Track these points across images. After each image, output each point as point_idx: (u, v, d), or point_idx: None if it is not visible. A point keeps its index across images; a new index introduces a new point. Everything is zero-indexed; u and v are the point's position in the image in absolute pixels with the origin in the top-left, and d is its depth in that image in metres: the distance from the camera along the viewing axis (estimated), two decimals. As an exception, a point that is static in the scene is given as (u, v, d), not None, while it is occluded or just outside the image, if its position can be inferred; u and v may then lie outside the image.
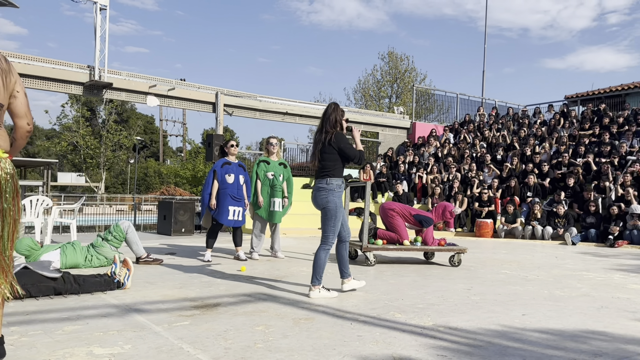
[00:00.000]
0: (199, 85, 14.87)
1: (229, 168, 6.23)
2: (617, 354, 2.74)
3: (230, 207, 6.15)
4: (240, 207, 6.25)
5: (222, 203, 6.13)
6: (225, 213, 6.13)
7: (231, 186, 6.17)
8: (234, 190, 6.19)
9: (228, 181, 6.17)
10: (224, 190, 6.15)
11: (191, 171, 36.40)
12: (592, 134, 14.61)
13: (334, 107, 4.33)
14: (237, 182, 6.24)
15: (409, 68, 32.92)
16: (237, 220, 6.24)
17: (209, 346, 2.71)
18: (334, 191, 4.18)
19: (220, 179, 6.17)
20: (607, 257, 8.19)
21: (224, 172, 6.19)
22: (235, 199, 6.18)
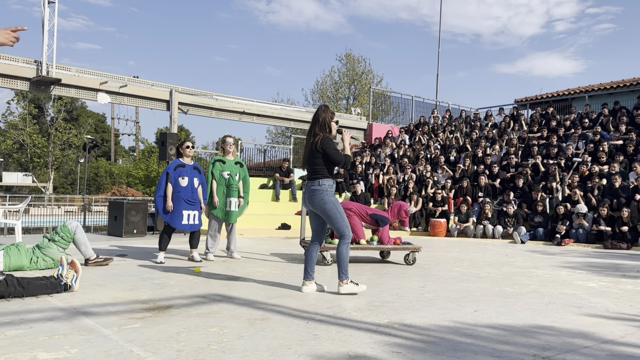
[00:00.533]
0: (153, 83, 14.53)
1: (182, 171, 6.04)
2: (564, 348, 2.83)
3: (184, 212, 5.98)
4: (195, 210, 6.09)
5: (175, 207, 5.95)
6: (179, 218, 5.96)
7: (185, 189, 5.99)
8: (188, 193, 6.01)
9: (181, 184, 5.98)
10: (177, 193, 5.97)
11: (144, 171, 35.57)
12: (540, 136, 15.15)
13: (324, 109, 4.38)
14: (192, 185, 6.06)
15: (366, 70, 33.29)
16: (193, 224, 6.08)
17: (161, 349, 2.63)
18: (327, 191, 4.24)
19: (174, 182, 5.98)
20: (554, 255, 8.51)
21: (177, 175, 5.99)
22: (189, 203, 6.01)
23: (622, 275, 6.04)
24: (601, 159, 12.48)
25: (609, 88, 18.95)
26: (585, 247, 10.29)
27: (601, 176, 11.83)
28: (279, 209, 12.89)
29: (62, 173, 45.20)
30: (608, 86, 19.14)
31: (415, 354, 2.64)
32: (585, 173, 12.28)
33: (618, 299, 4.41)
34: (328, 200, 4.22)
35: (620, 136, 13.51)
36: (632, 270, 6.58)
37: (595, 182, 11.65)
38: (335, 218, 4.24)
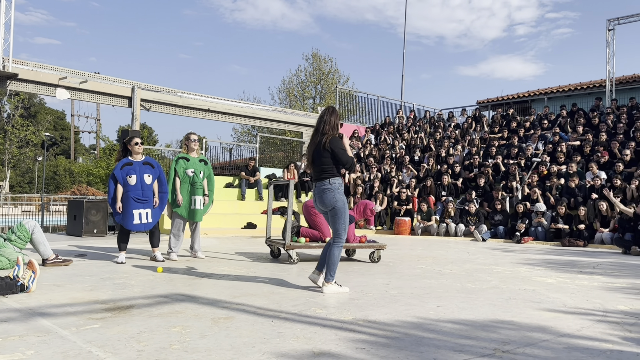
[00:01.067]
0: (114, 79, 14.19)
1: (130, 169, 5.80)
2: (523, 341, 2.90)
3: (134, 211, 5.76)
4: (147, 208, 5.86)
5: (125, 207, 5.74)
6: (130, 218, 5.76)
7: (134, 188, 5.76)
8: (138, 192, 5.79)
9: (130, 183, 5.75)
10: (127, 193, 5.75)
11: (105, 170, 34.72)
12: (501, 137, 15.52)
13: (332, 110, 4.40)
14: (141, 183, 5.82)
15: (332, 70, 33.39)
16: (146, 223, 5.87)
17: (121, 349, 2.57)
18: (338, 189, 4.25)
19: (122, 182, 5.76)
20: (514, 252, 8.73)
21: (124, 174, 5.76)
22: (139, 201, 5.79)
23: (579, 271, 6.24)
24: (559, 159, 12.87)
25: (567, 90, 19.58)
26: (543, 244, 10.59)
27: (559, 176, 12.21)
28: (245, 208, 12.80)
29: (19, 171, 43.69)
30: (566, 88, 19.77)
31: (379, 350, 2.66)
32: (544, 173, 12.65)
33: (575, 294, 4.55)
34: (339, 199, 4.25)
35: (578, 137, 13.97)
36: (588, 266, 6.81)
37: (553, 181, 12.01)
38: (340, 218, 4.25)
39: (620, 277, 5.80)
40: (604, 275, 5.87)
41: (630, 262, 7.50)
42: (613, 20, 16.81)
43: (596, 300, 4.26)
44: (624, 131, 13.47)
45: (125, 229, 5.88)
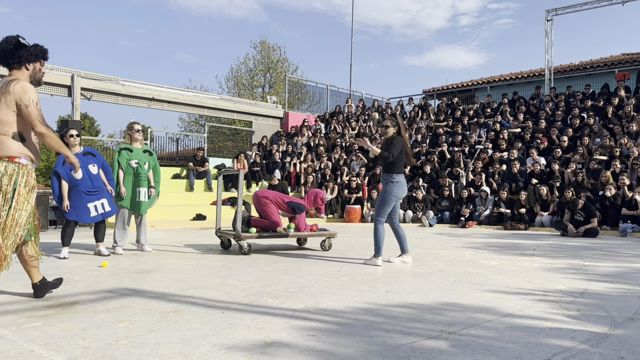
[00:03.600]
0: (52, 67, 13.56)
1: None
2: (468, 322, 3.01)
3: (89, 205, 5.58)
4: (102, 198, 5.69)
5: (79, 202, 5.55)
6: (86, 212, 5.58)
7: (82, 181, 5.57)
8: (87, 184, 5.60)
9: (77, 177, 5.52)
10: (76, 187, 5.55)
11: (45, 162, 33.21)
12: (446, 125, 15.93)
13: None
14: (89, 174, 5.64)
15: (281, 58, 33.14)
16: (104, 212, 5.71)
17: (65, 347, 2.49)
18: None
19: (67, 177, 5.55)
20: (459, 236, 9.01)
21: (68, 170, 5.55)
22: (91, 194, 5.61)
23: (520, 253, 6.52)
24: (501, 146, 13.35)
25: (509, 79, 20.28)
26: (487, 228, 10.99)
27: (501, 162, 12.67)
28: (194, 199, 12.58)
29: (-51, 165, 41.13)
30: (508, 77, 20.47)
31: (330, 336, 2.69)
32: (486, 160, 13.09)
33: (517, 275, 4.75)
34: None
35: (519, 124, 14.52)
36: (529, 248, 7.12)
37: (496, 167, 12.45)
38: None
39: (558, 258, 6.11)
40: (543, 257, 6.16)
41: (568, 244, 7.90)
42: (551, 11, 17.51)
43: (536, 280, 4.47)
44: (561, 118, 14.11)
45: (70, 223, 5.66)
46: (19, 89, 3.22)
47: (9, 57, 3.35)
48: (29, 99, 3.23)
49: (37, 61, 3.44)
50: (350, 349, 2.50)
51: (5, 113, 3.21)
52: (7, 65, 3.39)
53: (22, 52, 3.36)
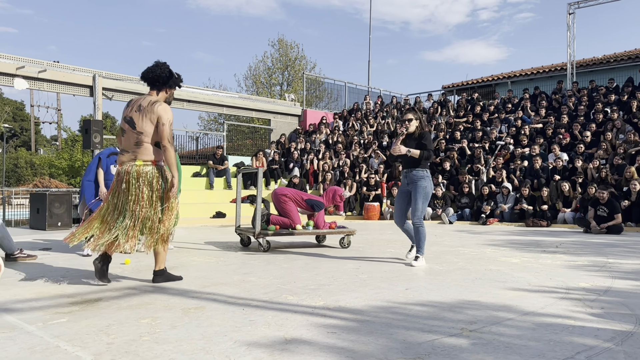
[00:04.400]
0: (74, 67, 13.78)
1: (116, 159, 5.79)
2: (489, 320, 2.99)
3: None
4: None
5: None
6: None
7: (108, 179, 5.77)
8: (108, 184, 5.78)
9: (112, 172, 5.76)
10: (108, 181, 5.75)
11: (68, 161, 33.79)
12: (466, 121, 15.77)
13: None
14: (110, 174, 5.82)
15: (299, 56, 33.18)
16: None
17: (90, 342, 2.54)
18: None
19: (105, 169, 5.75)
20: (480, 233, 8.93)
21: (110, 163, 5.76)
22: None
23: (542, 250, 6.44)
24: (522, 141, 13.17)
25: (530, 74, 20.00)
26: (508, 225, 10.87)
27: (523, 158, 12.51)
28: (213, 197, 12.68)
29: (-23, 165, 42.15)
30: (529, 72, 20.19)
31: (350, 333, 2.70)
32: (507, 156, 12.93)
33: (539, 273, 4.70)
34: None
35: (540, 120, 14.31)
36: (551, 246, 7.02)
37: (517, 163, 12.30)
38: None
39: (581, 255, 6.01)
40: (566, 254, 6.07)
41: (591, 241, 7.77)
42: (573, 4, 17.19)
43: (559, 278, 4.41)
44: (584, 113, 13.87)
45: None
46: (162, 110, 3.90)
47: (157, 80, 4.01)
48: (167, 119, 3.90)
49: (174, 88, 4.12)
50: (370, 346, 2.50)
51: (149, 127, 3.90)
52: (153, 86, 4.05)
53: (167, 79, 4.02)
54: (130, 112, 3.97)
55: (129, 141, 3.96)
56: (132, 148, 3.95)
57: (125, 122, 3.99)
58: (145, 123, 3.89)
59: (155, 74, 3.99)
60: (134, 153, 3.94)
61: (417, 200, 5.03)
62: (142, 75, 4.07)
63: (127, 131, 3.96)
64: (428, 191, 5.08)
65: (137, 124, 3.92)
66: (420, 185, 5.04)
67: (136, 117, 3.93)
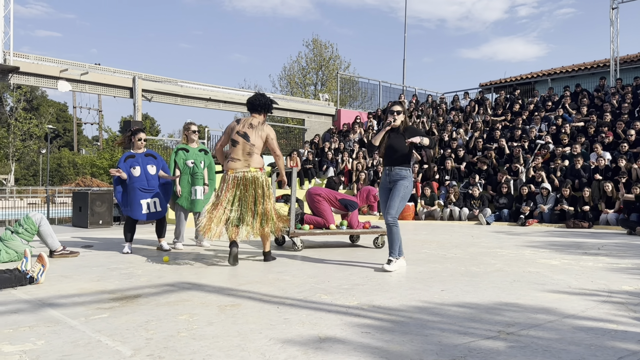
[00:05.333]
0: (115, 70, 14.17)
1: (133, 161, 5.88)
2: (527, 323, 2.92)
3: (142, 201, 5.84)
4: (155, 198, 5.94)
5: (132, 198, 5.82)
6: (138, 208, 5.83)
7: (138, 179, 5.83)
8: (143, 182, 5.86)
9: (134, 174, 5.82)
10: (132, 184, 5.82)
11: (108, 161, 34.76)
12: (504, 119, 15.45)
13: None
14: (145, 173, 5.90)
15: (333, 56, 33.20)
16: (155, 212, 5.96)
17: (129, 337, 2.61)
18: None
19: (127, 173, 5.83)
20: (518, 235, 8.74)
21: (128, 167, 5.84)
22: (145, 191, 5.87)
23: (584, 252, 6.26)
24: (563, 140, 12.82)
25: (571, 71, 19.43)
26: (548, 226, 10.60)
27: (563, 157, 12.17)
28: (249, 196, 12.78)
29: (24, 164, 43.82)
30: (570, 69, 19.62)
31: (384, 334, 2.69)
32: (547, 155, 12.61)
33: (579, 275, 4.57)
34: None
35: (582, 118, 13.89)
36: (593, 248, 6.82)
37: (557, 163, 11.97)
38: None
39: (625, 257, 5.81)
40: (608, 257, 5.88)
41: (635, 243, 7.50)
42: (616, -2, 16.60)
43: (601, 281, 4.28)
44: (628, 111, 13.39)
45: (132, 220, 5.92)
46: (269, 129, 5.05)
47: (260, 107, 5.10)
48: (273, 136, 5.06)
49: (270, 112, 5.20)
50: (404, 346, 2.48)
51: (260, 141, 4.96)
52: (258, 110, 5.12)
53: (269, 106, 5.16)
54: (243, 128, 4.98)
55: (241, 151, 4.94)
56: (244, 157, 4.93)
57: (239, 136, 4.95)
58: (257, 138, 4.95)
59: (261, 102, 5.09)
60: (247, 161, 4.92)
61: (395, 197, 4.72)
62: (249, 102, 5.12)
63: (241, 143, 4.93)
64: (408, 192, 4.78)
65: (251, 138, 4.93)
66: (402, 184, 4.74)
67: (250, 132, 4.96)
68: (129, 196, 5.84)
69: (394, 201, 4.72)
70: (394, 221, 4.73)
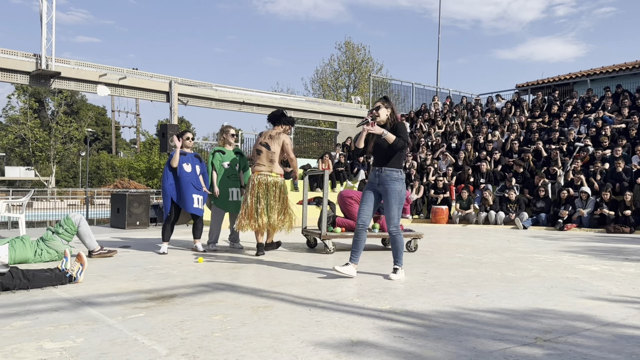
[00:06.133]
0: (152, 74, 14.49)
1: (184, 158, 6.13)
2: (565, 330, 2.85)
3: (193, 196, 6.09)
4: (201, 195, 6.20)
5: (185, 192, 6.04)
6: (190, 201, 6.06)
7: (190, 175, 6.09)
8: (194, 178, 6.13)
9: (186, 170, 6.09)
10: (185, 178, 6.06)
11: (146, 163, 35.58)
12: (542, 121, 15.10)
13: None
14: (195, 172, 6.17)
15: (366, 58, 33.16)
16: (199, 208, 6.16)
17: (165, 337, 2.66)
18: None
19: (179, 169, 6.06)
20: (556, 239, 8.52)
21: (180, 162, 6.08)
22: (196, 187, 6.14)
23: (625, 258, 6.05)
24: (603, 143, 12.44)
25: (611, 71, 18.85)
26: (587, 231, 10.30)
27: (603, 160, 11.81)
28: (281, 198, 12.86)
29: (64, 166, 45.26)
30: (610, 69, 19.04)
31: (417, 339, 2.66)
32: (586, 158, 12.26)
33: (620, 282, 4.42)
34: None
35: (623, 119, 13.45)
36: (634, 253, 6.59)
37: (597, 166, 11.62)
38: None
39: (669, 264, 5.59)
40: (651, 263, 5.67)
41: (680, 249, 7.21)
42: (660, -4, 16.02)
43: (643, 288, 4.13)
44: (672, 112, 12.89)
45: (169, 220, 6.08)
46: (284, 137, 5.97)
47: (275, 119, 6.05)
48: (288, 142, 5.99)
49: (288, 124, 6.09)
50: (438, 352, 2.45)
51: (278, 148, 5.88)
52: (273, 123, 6.07)
53: (284, 119, 6.05)
54: (265, 139, 5.90)
55: (265, 158, 5.82)
56: (267, 163, 5.81)
57: (262, 146, 5.85)
58: (276, 146, 5.86)
59: (276, 115, 6.06)
60: (269, 167, 5.81)
61: (392, 206, 4.40)
62: (268, 117, 6.12)
63: (264, 152, 5.82)
64: (402, 195, 4.45)
65: (272, 147, 5.83)
66: (395, 189, 4.39)
67: (270, 142, 5.86)
68: (182, 190, 6.05)
69: (392, 210, 4.41)
70: (397, 230, 4.45)
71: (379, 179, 4.47)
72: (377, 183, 4.49)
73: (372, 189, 4.55)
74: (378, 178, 4.48)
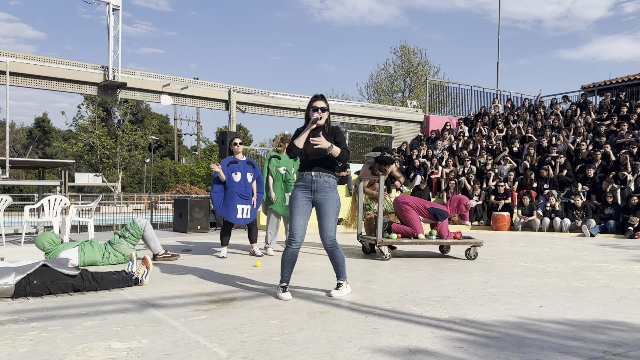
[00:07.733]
0: (212, 84, 14.93)
1: (235, 167, 6.18)
2: (637, 344, 2.70)
3: (238, 206, 6.11)
4: (248, 204, 6.21)
5: (229, 202, 6.10)
6: (234, 212, 6.10)
7: (238, 184, 6.12)
8: (241, 188, 6.15)
9: (235, 179, 6.12)
10: (232, 188, 6.11)
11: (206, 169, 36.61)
12: (610, 123, 14.38)
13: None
14: (245, 180, 6.18)
15: (422, 61, 32.73)
16: (246, 218, 6.20)
17: (225, 340, 2.73)
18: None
19: (228, 178, 6.14)
20: (626, 248, 8.07)
21: (230, 171, 6.14)
22: (242, 197, 6.15)
23: None
24: (679, 146, 11.68)
25: (687, 70, 17.68)
26: (661, 239, 9.68)
27: (679, 164, 11.09)
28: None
29: (130, 173, 47.32)
30: (685, 68, 17.86)
31: (478, 349, 2.59)
32: (660, 161, 11.55)
33: (699, 294, 4.13)
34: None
35: (700, 121, 12.58)
36: None
37: (672, 170, 10.93)
38: None
39: None
40: None
41: None
42: None
43: None
44: None
45: (228, 225, 6.21)
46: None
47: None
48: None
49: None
50: (499, 363, 2.38)
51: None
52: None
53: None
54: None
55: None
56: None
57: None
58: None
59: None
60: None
61: (330, 216, 3.91)
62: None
63: None
64: (339, 205, 3.95)
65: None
66: (333, 198, 3.90)
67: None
68: (227, 199, 6.14)
69: (329, 221, 3.91)
70: (334, 244, 3.93)
71: (314, 186, 3.90)
72: (312, 190, 3.92)
73: (305, 198, 3.94)
74: (313, 184, 3.91)
